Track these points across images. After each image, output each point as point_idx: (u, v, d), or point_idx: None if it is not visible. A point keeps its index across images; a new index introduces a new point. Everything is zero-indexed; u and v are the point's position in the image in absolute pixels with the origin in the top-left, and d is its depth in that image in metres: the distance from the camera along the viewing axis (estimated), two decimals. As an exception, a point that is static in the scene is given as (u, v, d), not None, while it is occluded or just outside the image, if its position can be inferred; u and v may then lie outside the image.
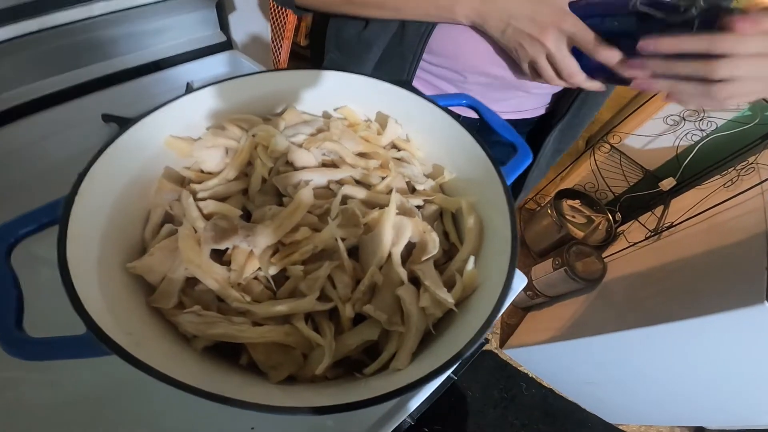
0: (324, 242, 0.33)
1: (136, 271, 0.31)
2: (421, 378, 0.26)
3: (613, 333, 0.93)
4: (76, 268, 0.26)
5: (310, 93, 0.43)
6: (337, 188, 0.37)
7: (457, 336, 0.30)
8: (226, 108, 0.40)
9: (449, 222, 0.40)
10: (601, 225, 1.46)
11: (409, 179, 0.40)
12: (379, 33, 0.51)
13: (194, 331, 0.30)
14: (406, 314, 0.31)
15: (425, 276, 0.33)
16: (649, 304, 0.93)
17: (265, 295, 0.33)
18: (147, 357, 0.25)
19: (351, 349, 0.32)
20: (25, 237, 0.28)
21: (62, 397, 0.39)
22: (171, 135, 0.36)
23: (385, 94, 0.41)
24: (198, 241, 0.32)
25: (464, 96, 0.42)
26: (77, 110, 0.57)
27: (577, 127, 0.63)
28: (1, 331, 0.25)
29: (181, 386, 0.24)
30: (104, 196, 0.31)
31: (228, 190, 0.37)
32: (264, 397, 0.26)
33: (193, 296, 0.32)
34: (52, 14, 0.48)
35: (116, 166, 0.32)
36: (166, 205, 0.35)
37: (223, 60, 0.71)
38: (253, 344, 0.32)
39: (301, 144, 0.39)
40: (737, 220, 0.88)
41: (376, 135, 0.42)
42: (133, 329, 0.28)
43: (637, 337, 0.87)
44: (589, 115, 0.61)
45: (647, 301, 0.95)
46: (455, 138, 0.39)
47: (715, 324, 0.70)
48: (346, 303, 0.32)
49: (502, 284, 0.29)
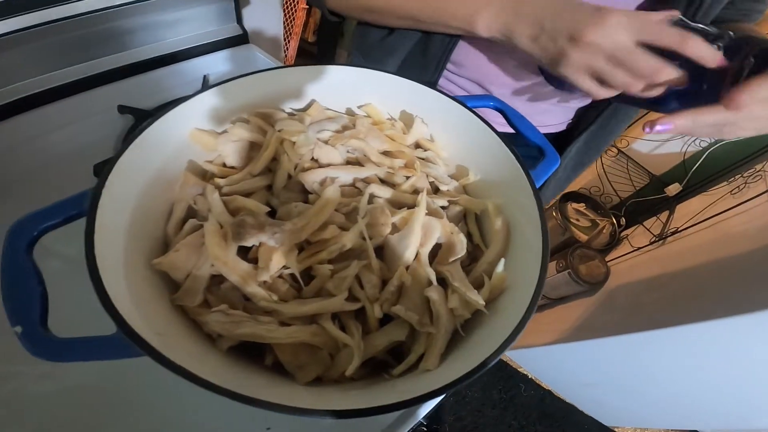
0: (352, 241, 0.32)
1: (161, 267, 0.31)
2: (455, 380, 0.26)
3: (613, 336, 0.93)
4: (103, 264, 0.25)
5: (333, 89, 0.42)
6: (363, 186, 0.37)
7: (487, 337, 0.29)
8: (248, 102, 0.39)
9: (473, 223, 0.40)
10: (605, 229, 1.46)
11: (434, 179, 0.40)
12: (403, 40, 0.50)
13: (221, 331, 0.30)
14: (435, 315, 0.31)
15: (454, 277, 0.32)
16: (651, 308, 0.93)
17: (291, 294, 0.33)
18: (177, 358, 0.24)
19: (378, 349, 0.31)
20: (49, 230, 0.27)
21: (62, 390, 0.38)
22: (196, 128, 0.35)
23: (410, 92, 0.41)
24: (224, 237, 0.31)
25: (491, 98, 0.42)
26: (94, 100, 0.57)
27: (604, 138, 0.59)
28: (26, 332, 0.24)
29: (213, 388, 0.24)
30: (130, 189, 0.30)
31: (253, 186, 0.36)
32: (291, 399, 0.25)
33: (219, 294, 0.32)
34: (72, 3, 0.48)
35: (142, 159, 0.31)
36: (190, 200, 0.34)
37: (239, 53, 0.70)
38: (280, 344, 0.31)
39: (327, 140, 0.38)
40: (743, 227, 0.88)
41: (401, 134, 0.41)
42: (160, 329, 0.27)
43: (638, 340, 0.87)
44: (618, 128, 0.57)
45: (649, 305, 0.95)
46: (481, 139, 0.39)
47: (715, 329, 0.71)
48: (374, 303, 0.32)
49: (534, 286, 0.29)
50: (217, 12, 0.67)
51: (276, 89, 0.40)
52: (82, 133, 0.54)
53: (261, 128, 0.38)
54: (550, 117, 0.57)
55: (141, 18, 0.59)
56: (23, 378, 0.38)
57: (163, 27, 0.62)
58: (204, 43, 0.67)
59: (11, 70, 0.52)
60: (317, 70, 0.40)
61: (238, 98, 0.38)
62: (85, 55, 0.57)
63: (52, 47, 0.53)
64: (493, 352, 0.27)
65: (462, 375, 0.26)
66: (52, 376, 0.39)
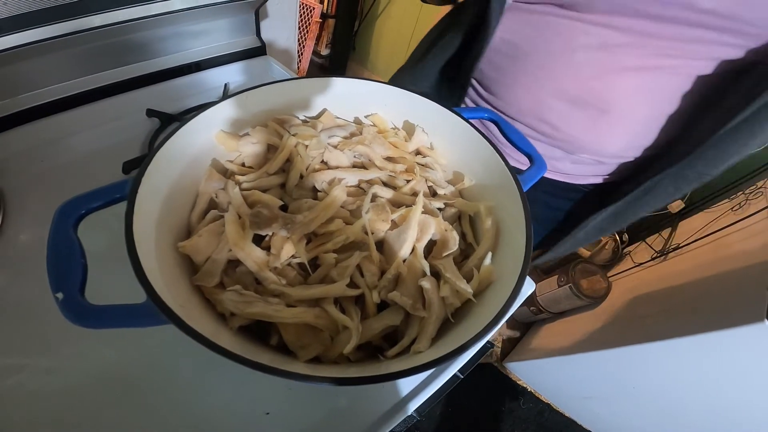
0: (355, 234, 0.36)
1: (185, 250, 0.34)
2: (441, 357, 0.29)
3: (613, 349, 0.95)
4: (139, 242, 0.29)
5: (343, 99, 0.46)
6: (367, 187, 0.41)
7: (473, 324, 0.32)
8: (266, 108, 0.44)
9: (467, 224, 0.43)
10: (607, 245, 1.48)
11: (432, 183, 0.44)
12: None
13: (234, 309, 0.33)
14: (427, 302, 0.34)
15: (446, 269, 0.36)
16: (650, 321, 0.95)
17: (298, 280, 0.36)
18: (198, 327, 0.28)
19: (375, 333, 0.35)
20: (93, 211, 0.31)
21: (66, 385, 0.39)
22: (222, 130, 0.40)
23: (412, 103, 0.45)
24: (243, 226, 0.35)
25: (486, 110, 0.46)
26: (124, 104, 0.62)
27: (634, 213, 0.56)
28: (67, 298, 0.27)
29: (228, 354, 0.26)
30: (163, 180, 0.34)
31: (268, 183, 0.40)
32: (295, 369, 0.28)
33: (234, 277, 0.35)
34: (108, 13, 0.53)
35: (175, 154, 0.35)
36: (212, 193, 0.38)
37: (257, 64, 0.75)
38: (285, 325, 0.35)
39: (336, 145, 0.42)
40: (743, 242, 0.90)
41: (403, 142, 0.45)
42: (183, 303, 0.31)
43: (637, 353, 0.89)
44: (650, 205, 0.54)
45: (649, 318, 0.96)
46: (476, 148, 0.42)
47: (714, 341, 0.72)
48: (372, 290, 0.35)
49: (516, 278, 0.32)
50: (238, 24, 0.72)
51: (291, 98, 0.45)
52: (113, 133, 0.59)
53: (278, 132, 0.42)
54: (569, 166, 0.57)
55: (168, 29, 0.64)
56: (28, 371, 0.39)
57: (188, 37, 0.67)
58: (225, 54, 0.72)
59: (50, 73, 0.57)
60: (329, 82, 0.45)
61: (258, 105, 0.42)
62: (117, 61, 0.62)
63: (88, 53, 0.58)
64: (474, 336, 0.30)
65: (444, 354, 0.29)
66: (56, 370, 0.40)
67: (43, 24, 0.52)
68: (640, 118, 0.48)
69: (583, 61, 0.45)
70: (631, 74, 0.44)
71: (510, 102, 0.53)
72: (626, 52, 0.43)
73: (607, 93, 0.46)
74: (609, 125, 0.49)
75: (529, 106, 0.52)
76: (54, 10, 0.52)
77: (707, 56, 0.42)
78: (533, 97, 0.50)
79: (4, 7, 0.49)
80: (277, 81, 0.43)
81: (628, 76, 0.44)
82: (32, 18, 0.51)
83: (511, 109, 0.54)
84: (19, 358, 0.40)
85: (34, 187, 0.51)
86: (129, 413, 0.39)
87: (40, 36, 0.52)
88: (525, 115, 0.53)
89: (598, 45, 0.44)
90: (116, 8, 0.56)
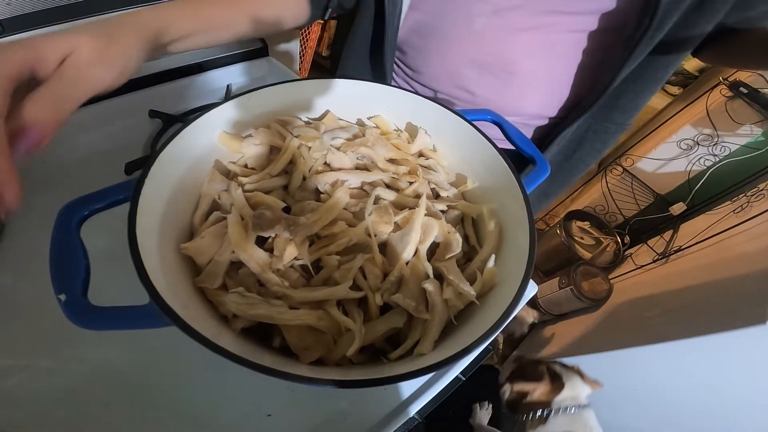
0: (358, 236, 0.36)
1: (188, 252, 0.34)
2: (444, 359, 0.29)
3: (614, 351, 0.95)
4: (142, 243, 0.29)
5: (346, 101, 0.46)
6: (370, 189, 0.41)
7: (476, 327, 0.32)
8: (269, 110, 0.43)
9: (470, 227, 0.43)
10: (609, 247, 1.48)
11: (435, 186, 0.44)
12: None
13: (236, 311, 0.33)
14: (431, 304, 0.34)
15: (449, 272, 0.36)
16: (652, 323, 0.95)
17: (301, 282, 0.36)
18: (200, 329, 0.28)
19: (378, 335, 0.34)
20: (96, 212, 0.31)
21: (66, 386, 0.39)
22: (224, 131, 0.40)
23: (415, 105, 0.45)
24: (245, 227, 0.35)
25: (489, 112, 0.46)
26: (127, 104, 0.62)
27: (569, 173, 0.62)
28: (70, 300, 0.27)
29: (231, 357, 0.26)
30: (167, 181, 0.34)
31: (271, 185, 0.40)
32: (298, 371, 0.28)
33: (236, 279, 0.35)
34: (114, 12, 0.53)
35: (178, 156, 0.35)
36: (215, 195, 0.38)
37: (260, 65, 0.76)
38: (287, 327, 0.34)
39: (339, 147, 0.42)
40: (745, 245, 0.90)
41: (406, 143, 0.45)
42: (186, 304, 0.31)
43: (639, 355, 0.89)
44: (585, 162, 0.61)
45: (651, 320, 0.97)
46: (479, 150, 0.42)
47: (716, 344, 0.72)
48: (375, 292, 0.35)
49: (519, 281, 0.32)
50: (241, 25, 0.72)
51: (294, 100, 0.45)
52: (116, 133, 0.59)
53: (280, 134, 0.42)
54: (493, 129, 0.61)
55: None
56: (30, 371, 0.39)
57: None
58: (228, 55, 0.72)
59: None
60: (331, 83, 0.45)
61: (260, 107, 0.42)
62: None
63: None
64: (477, 339, 0.29)
65: (447, 357, 0.29)
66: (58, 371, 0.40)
67: (47, 24, 0.53)
68: (545, 77, 0.53)
69: (483, 28, 0.50)
70: (525, 34, 0.49)
71: (429, 74, 0.58)
72: (517, 13, 0.48)
73: (509, 55, 0.51)
74: (520, 86, 0.54)
75: (445, 76, 0.57)
76: (58, 11, 0.52)
77: (585, 10, 0.46)
78: (447, 66, 0.55)
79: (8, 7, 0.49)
80: (279, 82, 0.43)
81: (523, 37, 0.50)
82: (36, 18, 0.51)
83: (431, 81, 0.59)
84: (21, 359, 0.40)
85: (36, 187, 0.51)
86: (130, 414, 0.39)
87: (44, 36, 0.52)
88: (444, 84, 0.58)
89: (492, 11, 0.49)
90: (120, 8, 0.56)
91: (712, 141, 1.24)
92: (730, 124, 1.18)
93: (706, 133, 1.23)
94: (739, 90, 1.12)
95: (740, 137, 1.20)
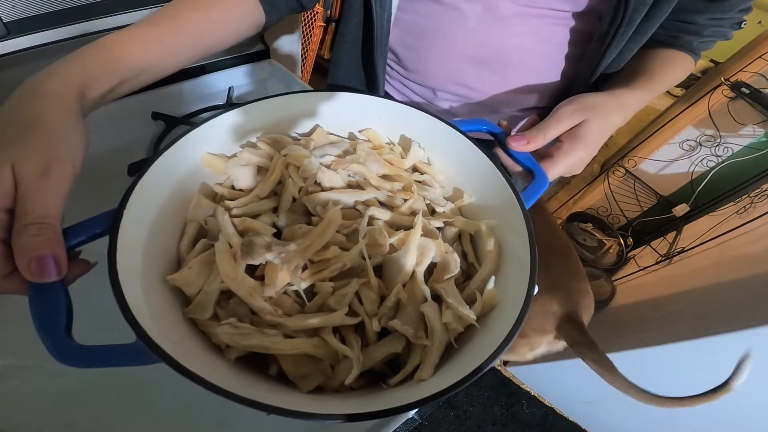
0: (353, 260, 0.35)
1: (175, 283, 0.33)
2: (446, 388, 0.27)
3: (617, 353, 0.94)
4: (123, 278, 0.28)
5: (336, 114, 0.45)
6: (364, 209, 0.39)
7: (477, 350, 0.31)
8: (257, 126, 0.42)
9: (467, 243, 0.42)
10: (612, 249, 1.47)
11: (431, 201, 0.42)
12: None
13: (229, 342, 0.32)
14: (430, 329, 0.33)
15: (447, 294, 0.34)
16: (655, 325, 0.94)
17: (294, 309, 0.35)
18: (191, 365, 0.26)
19: (376, 361, 0.33)
20: (74, 248, 0.30)
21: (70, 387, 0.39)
22: (208, 152, 0.38)
23: (408, 117, 0.44)
24: (234, 255, 0.33)
25: (484, 122, 0.45)
26: (130, 106, 0.62)
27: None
28: (53, 340, 0.26)
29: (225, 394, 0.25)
30: (148, 210, 0.33)
31: (260, 208, 0.38)
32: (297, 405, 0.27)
33: (228, 309, 0.34)
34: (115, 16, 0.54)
35: (160, 181, 0.34)
36: (201, 220, 0.37)
37: (261, 68, 0.76)
38: (284, 355, 0.33)
39: (329, 165, 0.41)
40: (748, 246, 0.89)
41: (399, 158, 0.44)
42: (175, 339, 0.29)
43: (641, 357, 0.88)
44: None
45: (654, 322, 0.96)
46: (475, 163, 0.41)
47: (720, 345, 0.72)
48: (372, 318, 0.34)
49: (521, 303, 0.31)
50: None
51: (282, 115, 0.43)
52: (119, 135, 0.59)
53: (268, 153, 0.41)
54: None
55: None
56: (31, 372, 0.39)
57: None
58: (229, 57, 0.72)
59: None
60: (321, 96, 0.43)
61: (246, 123, 0.41)
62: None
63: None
64: (481, 364, 0.28)
65: (451, 385, 0.28)
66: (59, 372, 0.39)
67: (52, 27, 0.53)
68: (539, 66, 0.56)
69: (476, 26, 0.53)
70: (514, 27, 0.52)
71: (426, 74, 0.60)
72: (505, 8, 0.50)
73: (502, 49, 0.54)
74: (516, 78, 0.57)
75: (443, 73, 0.58)
76: (62, 13, 0.52)
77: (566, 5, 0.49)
78: (445, 64, 0.57)
79: (13, 10, 0.49)
80: (264, 97, 0.41)
81: (513, 30, 0.52)
82: (41, 21, 0.52)
83: (428, 80, 0.60)
84: (22, 360, 0.40)
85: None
86: (131, 414, 0.39)
87: (48, 39, 0.52)
88: (442, 82, 0.60)
89: (482, 9, 0.51)
90: (124, 11, 0.56)
91: (714, 142, 1.23)
92: (733, 125, 1.17)
93: (709, 134, 1.22)
94: (741, 90, 1.11)
95: (743, 138, 1.19)
